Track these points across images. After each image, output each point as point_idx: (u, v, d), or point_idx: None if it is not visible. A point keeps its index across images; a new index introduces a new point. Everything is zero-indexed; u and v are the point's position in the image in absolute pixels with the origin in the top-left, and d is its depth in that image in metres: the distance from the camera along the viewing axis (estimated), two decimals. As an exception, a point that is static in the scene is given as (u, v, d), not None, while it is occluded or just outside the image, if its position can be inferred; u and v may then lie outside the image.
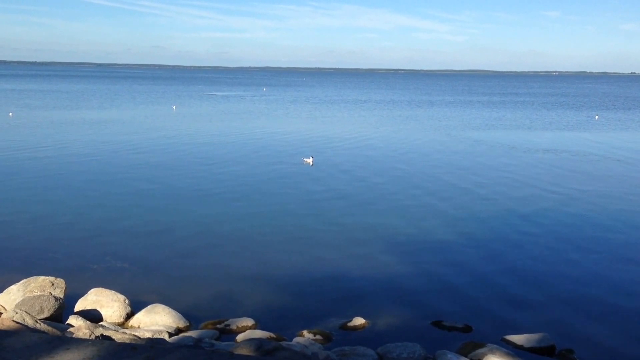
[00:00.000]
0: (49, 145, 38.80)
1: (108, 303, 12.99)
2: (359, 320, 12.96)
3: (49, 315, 12.18)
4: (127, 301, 13.15)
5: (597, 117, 70.98)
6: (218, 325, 12.62)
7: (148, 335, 11.38)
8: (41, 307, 12.21)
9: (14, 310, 11.41)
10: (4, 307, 12.36)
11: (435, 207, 23.69)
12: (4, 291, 13.24)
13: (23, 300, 12.41)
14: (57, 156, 34.32)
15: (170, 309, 12.85)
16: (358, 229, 20.37)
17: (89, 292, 13.34)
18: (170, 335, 11.79)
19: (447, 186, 27.84)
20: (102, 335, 10.63)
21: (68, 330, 11.14)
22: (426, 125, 58.14)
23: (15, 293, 12.98)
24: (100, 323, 12.21)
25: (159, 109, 74.57)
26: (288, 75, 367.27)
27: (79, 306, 13.04)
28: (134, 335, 11.10)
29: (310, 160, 32.27)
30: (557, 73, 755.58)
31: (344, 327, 12.77)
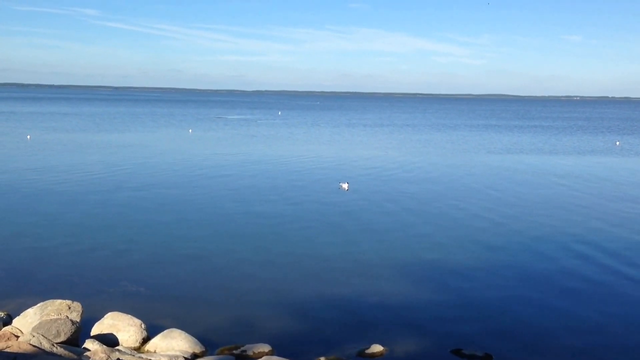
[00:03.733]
0: (68, 168, 39.07)
1: (124, 327, 12.93)
2: (377, 348, 12.76)
3: (65, 339, 12.13)
4: (143, 325, 13.08)
5: (618, 143, 70.21)
6: (234, 351, 12.49)
7: (164, 360, 11.29)
8: (58, 330, 12.17)
9: (30, 334, 11.40)
10: (20, 331, 12.35)
11: (455, 233, 23.46)
12: (21, 314, 13.24)
13: (40, 323, 12.39)
14: (74, 180, 34.50)
15: (186, 334, 12.76)
16: (376, 255, 20.20)
17: (106, 316, 13.31)
18: (186, 360, 11.68)
19: (468, 212, 27.58)
20: (118, 359, 10.57)
21: (84, 354, 11.10)
22: (447, 150, 57.96)
23: (32, 316, 12.97)
24: (117, 347, 12.15)
25: (179, 132, 75.11)
26: (305, 99, 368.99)
27: (95, 330, 13.00)
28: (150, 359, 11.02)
29: (346, 186, 32.81)
30: (578, 98, 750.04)
31: (361, 354, 12.58)
